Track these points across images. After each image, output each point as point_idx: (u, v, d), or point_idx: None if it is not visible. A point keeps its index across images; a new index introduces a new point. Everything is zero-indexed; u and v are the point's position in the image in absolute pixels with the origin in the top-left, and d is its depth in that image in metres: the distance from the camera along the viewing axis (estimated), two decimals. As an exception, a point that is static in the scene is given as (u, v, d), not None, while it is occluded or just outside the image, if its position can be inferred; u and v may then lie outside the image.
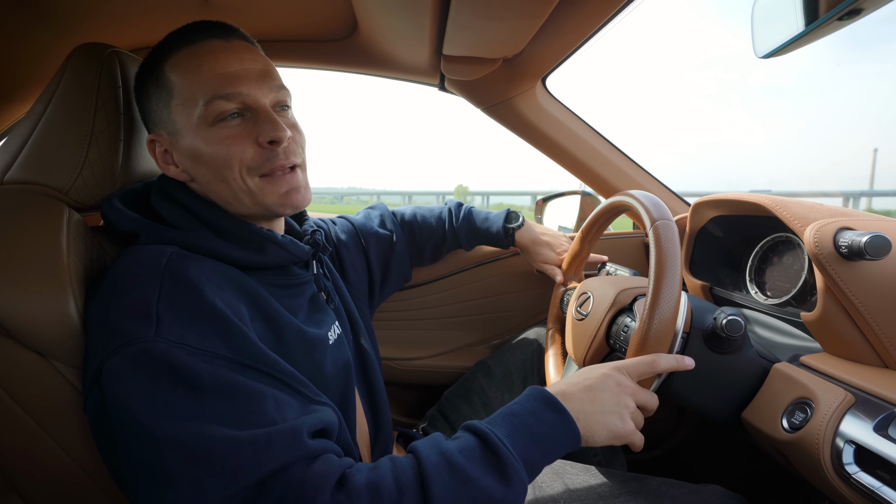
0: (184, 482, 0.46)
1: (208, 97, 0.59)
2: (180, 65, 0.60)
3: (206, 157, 0.60)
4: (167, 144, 0.63)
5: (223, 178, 0.61)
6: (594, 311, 0.80)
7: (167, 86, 0.61)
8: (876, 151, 23.07)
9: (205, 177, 0.62)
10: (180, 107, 0.61)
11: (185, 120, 0.61)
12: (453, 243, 1.09)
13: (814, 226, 0.64)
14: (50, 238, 0.57)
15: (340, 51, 1.09)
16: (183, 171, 0.64)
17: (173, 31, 0.63)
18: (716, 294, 0.98)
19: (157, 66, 0.62)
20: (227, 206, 0.64)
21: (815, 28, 0.47)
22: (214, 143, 0.60)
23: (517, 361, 1.05)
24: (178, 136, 0.62)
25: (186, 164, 0.63)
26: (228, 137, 0.60)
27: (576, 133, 1.20)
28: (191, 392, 0.48)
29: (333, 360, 0.67)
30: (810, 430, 0.57)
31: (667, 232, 0.65)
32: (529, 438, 0.54)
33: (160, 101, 0.62)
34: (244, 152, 0.60)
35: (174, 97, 0.61)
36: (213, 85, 0.59)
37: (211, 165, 0.61)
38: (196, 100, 0.59)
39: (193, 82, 0.60)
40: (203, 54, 0.60)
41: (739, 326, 0.65)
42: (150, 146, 0.64)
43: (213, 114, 0.59)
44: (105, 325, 0.52)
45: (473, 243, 1.10)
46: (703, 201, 0.96)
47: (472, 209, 1.10)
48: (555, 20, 0.83)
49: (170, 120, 0.62)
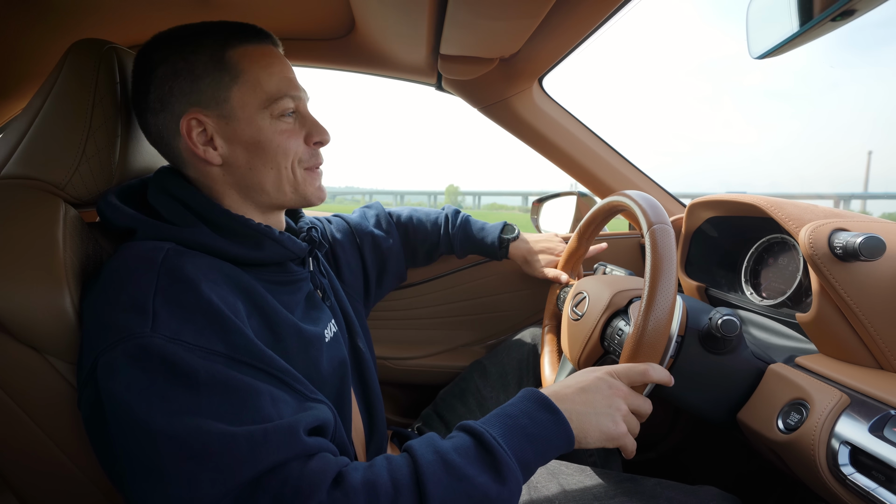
0: (179, 477, 0.46)
1: (278, 94, 0.64)
2: (251, 57, 0.63)
3: (265, 144, 0.64)
4: (211, 125, 0.62)
5: (276, 165, 0.65)
6: (589, 313, 0.80)
7: (232, 70, 0.62)
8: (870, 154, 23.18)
9: (249, 163, 0.64)
10: (243, 92, 0.63)
11: (245, 106, 0.63)
12: (447, 249, 1.10)
13: (808, 227, 0.65)
14: (46, 233, 0.56)
15: (338, 50, 1.09)
16: (219, 155, 0.63)
17: (223, 22, 0.65)
18: (711, 295, 0.98)
19: (219, 49, 0.62)
20: (257, 194, 0.66)
21: (809, 29, 0.48)
22: (276, 133, 0.64)
23: (513, 361, 1.06)
24: (231, 120, 0.63)
25: (231, 147, 0.63)
26: (287, 131, 0.65)
27: (572, 133, 1.20)
28: (187, 388, 0.48)
29: (329, 358, 0.67)
30: (805, 431, 0.58)
31: (663, 237, 0.65)
32: (524, 438, 0.54)
33: (216, 83, 0.62)
34: (298, 146, 0.66)
35: (239, 82, 0.62)
36: (283, 84, 0.64)
37: (267, 152, 0.64)
38: (267, 91, 0.63)
39: (266, 76, 0.63)
40: (271, 55, 0.65)
41: (735, 327, 0.65)
42: (186, 125, 0.62)
43: (278, 108, 0.64)
44: (101, 321, 0.52)
45: (467, 251, 1.11)
46: (699, 202, 0.96)
47: (470, 218, 1.11)
48: (552, 20, 0.83)
49: (225, 101, 0.62)
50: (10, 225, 0.56)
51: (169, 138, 0.64)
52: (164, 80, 0.62)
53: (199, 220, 0.62)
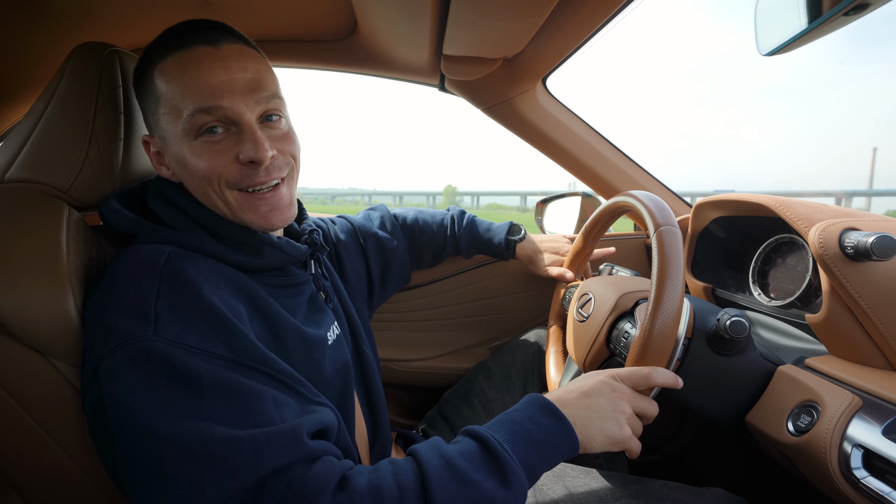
0: (182, 482, 0.46)
1: (191, 110, 0.57)
2: (166, 72, 0.59)
3: (190, 168, 0.60)
4: (158, 147, 0.64)
5: (203, 189, 0.61)
6: (595, 314, 0.80)
7: (154, 93, 0.60)
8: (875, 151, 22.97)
9: (191, 184, 0.63)
10: (166, 115, 0.59)
11: (171, 128, 0.60)
12: (453, 250, 1.10)
13: (818, 226, 0.64)
14: (50, 237, 0.56)
15: (340, 51, 1.09)
16: (174, 175, 0.64)
17: (164, 31, 0.61)
18: (718, 296, 0.97)
19: (147, 70, 0.61)
20: (218, 213, 0.63)
21: (819, 24, 0.47)
22: (196, 155, 0.59)
23: (517, 363, 1.05)
24: (166, 143, 0.62)
25: (175, 168, 0.63)
26: (210, 151, 0.59)
27: (576, 133, 1.19)
28: (189, 391, 0.48)
29: (332, 361, 0.67)
30: (817, 434, 0.57)
31: (670, 238, 0.64)
32: (528, 443, 0.54)
33: (149, 107, 0.62)
34: (224, 168, 0.59)
35: (161, 105, 0.60)
36: (196, 97, 0.57)
37: (193, 175, 0.60)
38: (180, 110, 0.58)
39: (177, 92, 0.58)
40: (187, 62, 0.58)
41: (744, 328, 0.64)
42: (145, 146, 0.65)
43: (194, 126, 0.58)
44: (103, 324, 0.52)
45: (473, 252, 1.11)
46: (706, 202, 0.95)
47: (475, 218, 1.11)
48: (555, 20, 0.82)
49: (158, 126, 0.62)
50: (14, 229, 0.56)
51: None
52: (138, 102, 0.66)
53: (199, 226, 0.62)
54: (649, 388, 0.63)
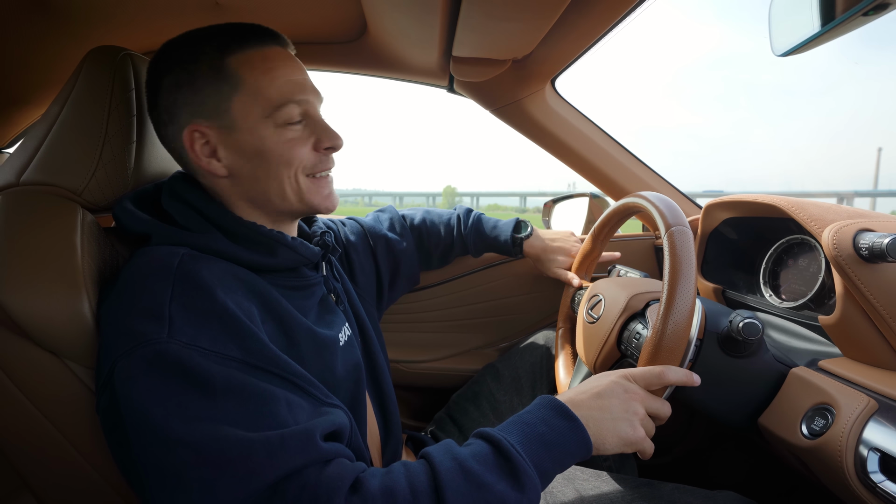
0: (196, 483, 0.46)
1: (281, 101, 0.61)
2: (250, 63, 0.61)
3: (267, 155, 0.62)
4: (214, 137, 0.62)
5: (277, 175, 0.63)
6: (605, 316, 0.79)
7: (231, 80, 0.60)
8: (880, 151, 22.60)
9: (252, 173, 0.63)
10: (244, 102, 0.61)
11: (247, 115, 0.61)
12: (461, 250, 1.09)
13: (832, 227, 0.63)
14: (64, 239, 0.57)
15: (350, 53, 1.09)
16: (224, 166, 0.63)
17: (225, 26, 0.63)
18: (728, 297, 0.96)
19: (217, 58, 0.61)
20: (263, 204, 0.65)
21: (836, 25, 0.46)
22: (280, 143, 0.62)
23: (526, 364, 1.05)
24: (233, 130, 0.61)
25: (234, 158, 0.62)
26: (292, 140, 0.63)
27: (585, 135, 1.19)
28: (203, 393, 0.48)
29: (344, 362, 0.67)
30: (832, 437, 0.56)
31: (682, 239, 0.64)
32: (541, 445, 0.53)
33: (216, 93, 0.60)
34: (304, 155, 0.64)
35: (239, 92, 0.61)
36: (286, 90, 0.62)
37: (269, 162, 0.62)
38: (268, 100, 0.61)
39: (267, 83, 0.61)
40: (274, 58, 0.63)
41: (757, 330, 0.64)
42: (189, 137, 0.61)
43: (282, 116, 0.62)
44: (118, 326, 0.52)
45: (481, 251, 1.10)
46: (716, 202, 0.95)
47: (482, 216, 1.10)
48: (565, 21, 0.82)
49: (226, 112, 0.61)
50: (29, 231, 0.57)
51: (179, 149, 0.64)
52: (170, 92, 0.61)
53: (213, 227, 0.62)
54: (662, 388, 0.62)
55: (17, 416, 0.57)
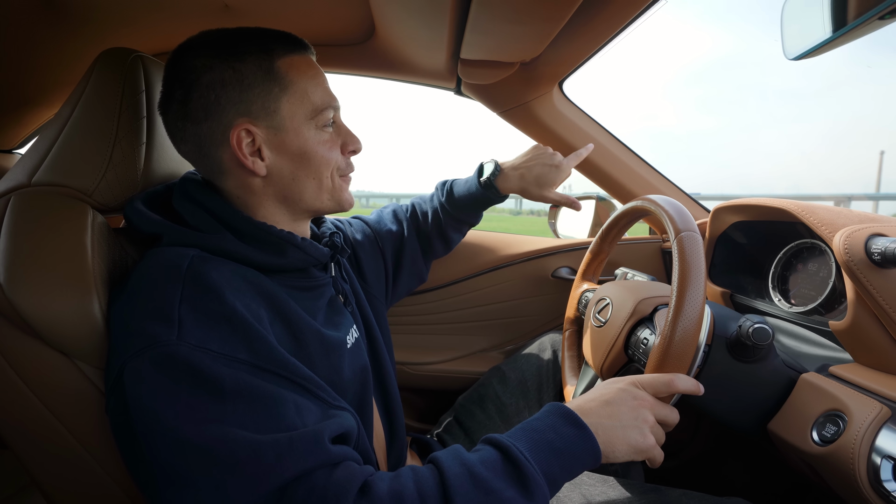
0: (206, 485, 0.46)
1: (323, 105, 0.65)
2: (298, 67, 0.64)
3: (310, 155, 0.64)
4: (260, 136, 0.62)
5: (318, 175, 0.66)
6: (613, 320, 0.79)
7: (282, 81, 0.62)
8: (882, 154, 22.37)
9: (294, 173, 0.64)
10: (292, 104, 0.63)
11: (294, 117, 0.63)
12: (452, 224, 1.00)
13: (843, 232, 0.63)
14: (75, 239, 0.57)
15: (358, 55, 1.10)
16: (266, 166, 0.63)
17: (261, 30, 0.64)
18: (737, 301, 0.96)
19: (266, 59, 0.62)
20: (294, 203, 0.66)
21: (850, 29, 0.46)
22: (320, 144, 0.65)
23: (532, 367, 1.04)
24: (280, 131, 0.62)
25: (278, 158, 0.63)
26: (328, 141, 0.66)
27: (593, 137, 1.19)
28: (213, 396, 0.48)
29: (351, 364, 0.67)
30: (843, 444, 0.56)
31: (692, 244, 0.63)
32: (550, 453, 0.53)
33: (266, 93, 0.61)
34: (337, 156, 0.67)
35: (288, 93, 0.62)
36: (326, 95, 0.66)
37: (311, 162, 0.65)
38: (313, 103, 0.64)
39: (312, 87, 0.64)
40: (313, 65, 0.66)
41: (767, 335, 0.63)
42: (236, 136, 0.61)
43: (322, 119, 0.65)
44: (127, 328, 0.52)
45: (469, 215, 1.00)
46: (725, 206, 0.94)
47: (455, 180, 1.01)
48: (574, 24, 0.82)
49: (275, 112, 0.62)
50: (40, 231, 0.57)
51: (210, 148, 0.62)
52: (210, 89, 0.60)
53: (223, 227, 0.62)
54: (670, 395, 0.62)
55: (28, 415, 0.57)
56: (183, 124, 0.63)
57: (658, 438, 0.59)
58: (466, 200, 0.97)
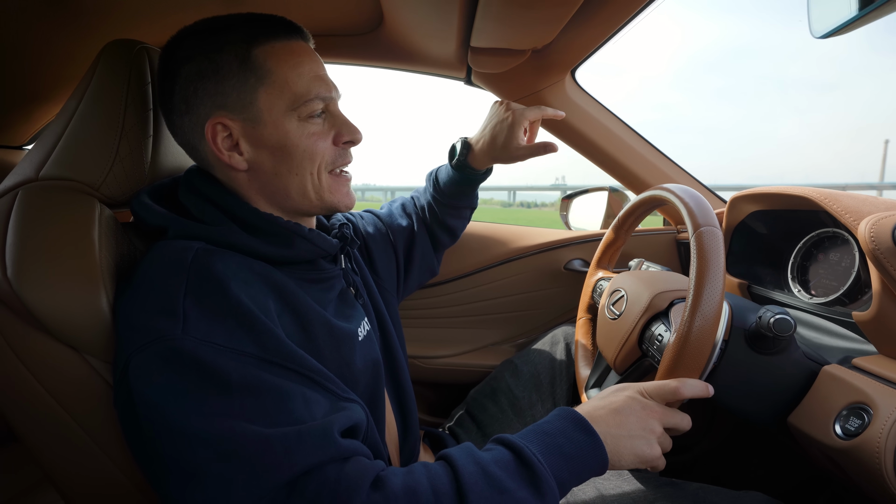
0: (213, 480, 0.46)
1: (307, 95, 0.61)
2: (277, 56, 0.60)
3: (291, 149, 0.61)
4: (237, 130, 0.60)
5: (300, 170, 0.62)
6: (627, 313, 0.77)
7: (258, 72, 0.59)
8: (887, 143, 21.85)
9: (274, 168, 0.62)
10: (270, 94, 0.60)
11: (272, 108, 0.60)
12: (448, 211, 0.98)
13: (869, 220, 0.61)
14: (83, 233, 0.57)
15: (366, 45, 1.08)
16: (245, 160, 0.61)
17: (249, 16, 0.62)
18: (754, 292, 0.94)
19: (244, 48, 0.59)
20: (282, 200, 0.64)
21: (878, 6, 0.44)
22: (303, 137, 0.61)
23: (545, 361, 1.03)
24: (257, 124, 0.60)
25: (256, 152, 0.61)
26: (315, 134, 0.62)
27: (606, 127, 1.17)
28: (219, 390, 0.48)
29: (362, 357, 0.66)
30: (869, 438, 0.54)
31: (711, 240, 0.61)
32: (560, 457, 0.53)
33: (241, 84, 0.59)
34: (326, 149, 0.64)
35: (265, 84, 0.60)
36: (312, 84, 0.61)
37: (292, 157, 0.61)
38: (294, 93, 0.60)
39: (295, 76, 0.61)
40: (300, 52, 0.62)
41: (789, 325, 0.61)
42: (211, 130, 0.60)
43: (306, 110, 0.61)
44: (132, 322, 0.52)
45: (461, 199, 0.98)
46: (742, 195, 0.92)
47: (439, 169, 1.00)
48: (587, 8, 0.80)
49: (251, 104, 0.60)
50: (48, 225, 0.57)
51: (195, 141, 0.62)
52: (189, 81, 0.59)
53: (229, 219, 0.62)
54: (679, 402, 0.61)
55: (38, 409, 0.57)
56: (171, 116, 0.63)
57: (664, 447, 0.59)
58: (451, 187, 0.96)
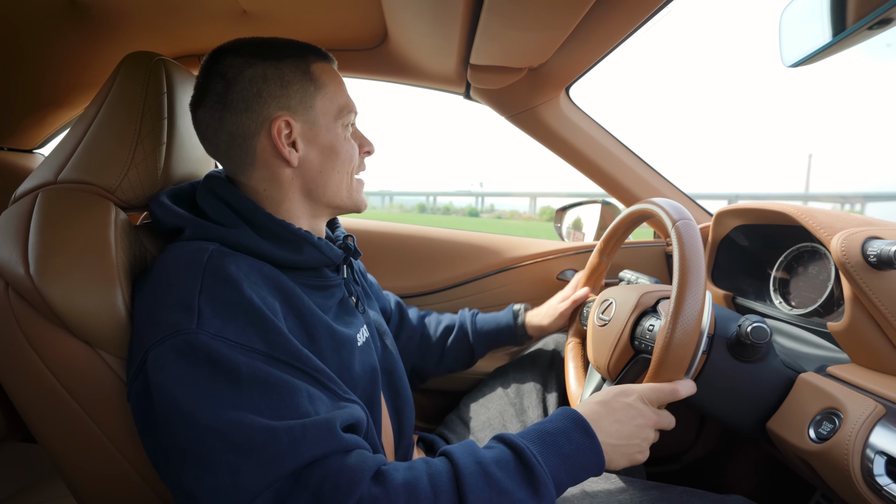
0: (222, 468, 0.48)
1: (347, 107, 0.71)
2: (327, 73, 0.70)
3: (338, 151, 0.70)
4: (297, 129, 0.67)
5: (342, 170, 0.71)
6: (617, 315, 0.80)
7: (317, 82, 0.69)
8: (811, 157, 22.15)
9: (323, 166, 0.69)
10: (325, 102, 0.69)
11: (325, 114, 0.69)
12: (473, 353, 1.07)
13: (841, 235, 0.64)
14: (99, 234, 0.60)
15: (370, 60, 1.12)
16: (299, 157, 0.68)
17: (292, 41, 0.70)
18: (738, 304, 0.97)
19: (302, 62, 0.68)
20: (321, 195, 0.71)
21: (843, 38, 0.48)
22: (345, 141, 0.71)
23: (536, 368, 1.05)
24: (314, 126, 0.68)
25: (311, 151, 0.68)
26: (349, 141, 0.72)
27: (598, 142, 1.21)
28: (230, 383, 0.50)
29: (361, 362, 0.68)
30: (839, 441, 0.57)
31: (688, 230, 0.66)
32: (559, 458, 0.55)
33: (304, 91, 0.67)
34: (356, 155, 0.73)
35: (321, 93, 0.69)
36: (349, 100, 0.72)
37: (339, 158, 0.70)
38: (340, 104, 0.70)
39: (339, 90, 0.71)
40: (337, 73, 0.73)
41: (765, 333, 0.65)
42: (276, 127, 0.65)
43: (347, 120, 0.72)
44: (151, 317, 0.54)
45: (487, 338, 1.07)
46: (727, 210, 0.96)
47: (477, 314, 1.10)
48: (581, 31, 0.84)
49: (311, 110, 0.68)
50: (66, 226, 0.59)
51: (245, 137, 0.66)
52: (253, 83, 0.65)
53: (243, 222, 0.65)
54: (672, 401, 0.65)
55: (52, 403, 0.59)
56: (221, 115, 0.66)
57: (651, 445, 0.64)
58: (491, 331, 1.05)
